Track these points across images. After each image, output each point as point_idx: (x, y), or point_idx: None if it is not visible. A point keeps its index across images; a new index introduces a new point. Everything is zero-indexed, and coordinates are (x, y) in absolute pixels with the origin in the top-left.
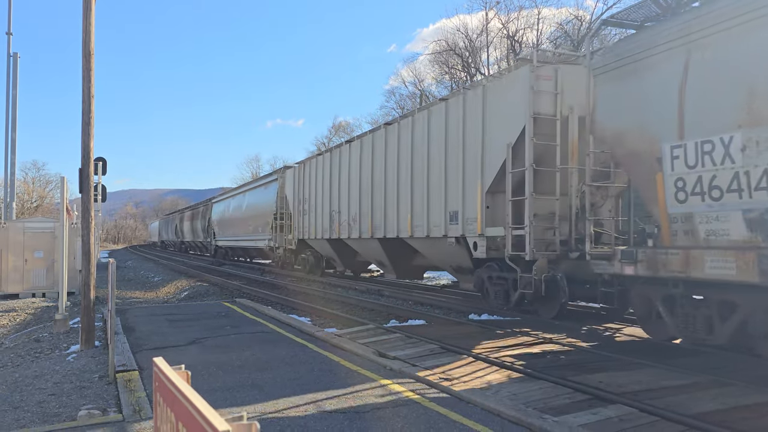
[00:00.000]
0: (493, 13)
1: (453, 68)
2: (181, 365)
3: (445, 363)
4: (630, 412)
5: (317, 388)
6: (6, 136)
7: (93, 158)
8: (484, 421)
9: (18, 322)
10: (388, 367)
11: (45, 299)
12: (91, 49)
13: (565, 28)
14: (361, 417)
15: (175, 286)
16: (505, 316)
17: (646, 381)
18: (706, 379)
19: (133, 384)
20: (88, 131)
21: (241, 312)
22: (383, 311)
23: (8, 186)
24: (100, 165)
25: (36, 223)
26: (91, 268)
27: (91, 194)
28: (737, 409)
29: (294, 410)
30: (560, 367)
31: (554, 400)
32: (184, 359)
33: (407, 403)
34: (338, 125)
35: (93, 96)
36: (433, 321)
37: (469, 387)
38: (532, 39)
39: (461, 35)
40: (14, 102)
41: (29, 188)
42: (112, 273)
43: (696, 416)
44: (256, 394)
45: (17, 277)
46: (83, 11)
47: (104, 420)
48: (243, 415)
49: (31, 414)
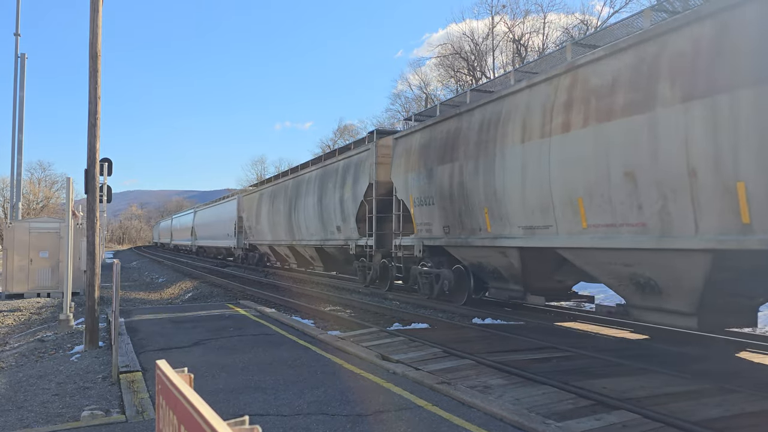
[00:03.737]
0: (499, 18)
1: (459, 72)
2: (184, 368)
3: (448, 367)
4: (634, 418)
5: (320, 390)
6: (12, 137)
7: (99, 159)
8: (487, 425)
9: (22, 322)
10: (391, 370)
11: (50, 299)
12: (98, 50)
13: (571, 32)
14: (363, 420)
15: (179, 288)
16: (509, 320)
17: (650, 387)
18: (710, 386)
19: (137, 385)
20: (94, 132)
21: (245, 314)
22: (387, 314)
23: (14, 186)
24: (105, 166)
25: (41, 223)
26: (95, 269)
27: (97, 195)
28: (742, 416)
29: (296, 413)
30: (564, 372)
31: (557, 405)
32: (187, 361)
33: (410, 406)
34: (343, 128)
35: (99, 97)
36: (436, 324)
37: (471, 391)
38: (538, 43)
39: (467, 39)
40: (21, 103)
41: (35, 188)
42: (117, 274)
43: (700, 423)
44: (259, 396)
45: (22, 277)
46: (90, 13)
47: (107, 421)
48: (245, 419)
49: (35, 414)
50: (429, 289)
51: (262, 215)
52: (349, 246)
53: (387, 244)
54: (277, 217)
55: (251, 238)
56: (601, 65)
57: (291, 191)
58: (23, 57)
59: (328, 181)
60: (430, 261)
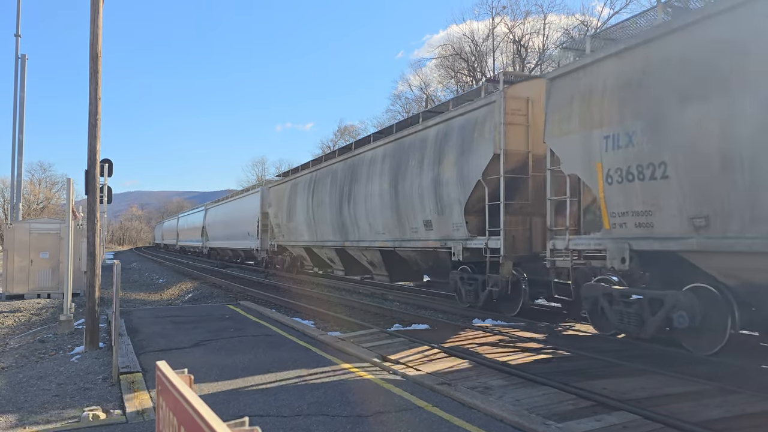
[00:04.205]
0: (500, 19)
1: (459, 72)
2: (184, 368)
3: (449, 367)
4: (634, 419)
5: (320, 391)
6: (13, 138)
7: (99, 160)
8: (487, 426)
9: (23, 323)
10: (391, 371)
11: (50, 300)
12: (98, 51)
13: (572, 33)
14: (363, 421)
15: (179, 288)
16: (509, 321)
17: (650, 388)
18: (711, 387)
19: (137, 386)
20: (95, 133)
21: (245, 314)
22: (387, 315)
23: (14, 187)
24: (106, 166)
25: (42, 224)
26: (96, 270)
27: (97, 196)
28: (743, 417)
29: (297, 414)
30: (564, 373)
31: (558, 406)
32: (187, 361)
33: (410, 407)
34: (344, 128)
35: (100, 98)
36: (437, 325)
37: (472, 392)
38: (538, 44)
39: (467, 40)
40: (22, 103)
41: (35, 189)
42: (117, 275)
43: (701, 424)
44: (259, 397)
45: (23, 278)
46: (91, 14)
47: (107, 421)
48: (245, 420)
49: (35, 415)
50: (650, 328)
51: (297, 210)
52: (451, 249)
53: (520, 248)
54: (320, 212)
55: (280, 238)
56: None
57: (343, 176)
58: (24, 58)
59: (409, 158)
60: (641, 279)
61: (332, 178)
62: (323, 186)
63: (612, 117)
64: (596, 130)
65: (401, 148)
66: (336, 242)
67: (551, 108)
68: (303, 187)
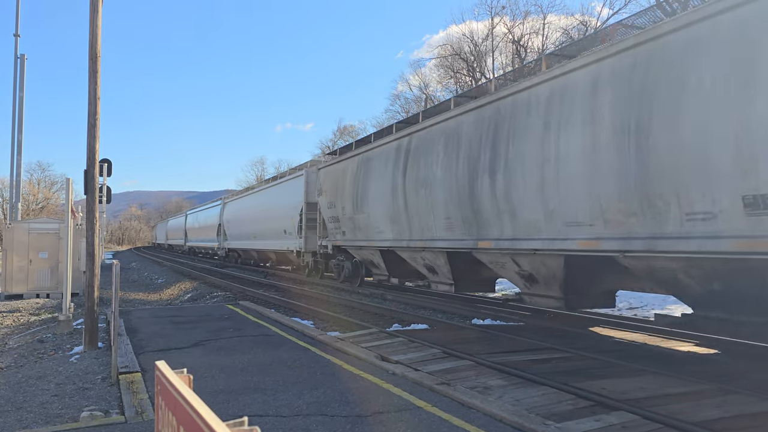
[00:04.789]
0: (499, 19)
1: (458, 72)
2: (184, 368)
3: (448, 367)
4: (633, 419)
5: (319, 391)
6: (12, 138)
7: (98, 160)
8: (487, 426)
9: (22, 323)
10: (390, 371)
11: (49, 300)
12: (97, 51)
13: (571, 33)
14: (363, 421)
15: (178, 288)
16: (508, 321)
17: (649, 388)
18: (710, 387)
19: (136, 386)
20: (94, 133)
21: (244, 315)
22: (386, 315)
23: (14, 187)
24: (105, 166)
25: (41, 224)
26: (95, 269)
27: (96, 195)
28: (742, 417)
29: (296, 414)
30: (563, 373)
31: (557, 406)
32: (186, 361)
33: (409, 407)
34: (343, 128)
35: (99, 98)
36: (436, 325)
37: (471, 392)
38: (537, 44)
39: (467, 40)
40: (21, 103)
41: (34, 189)
42: (116, 275)
43: (700, 424)
44: (258, 397)
45: (22, 278)
46: (90, 13)
47: (106, 421)
48: (244, 420)
49: (34, 415)
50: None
51: (370, 196)
52: None
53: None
54: (422, 195)
55: (338, 237)
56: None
57: (478, 135)
58: (23, 58)
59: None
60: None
61: (449, 141)
62: (429, 155)
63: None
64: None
65: (567, 86)
66: (455, 241)
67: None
68: (383, 161)
